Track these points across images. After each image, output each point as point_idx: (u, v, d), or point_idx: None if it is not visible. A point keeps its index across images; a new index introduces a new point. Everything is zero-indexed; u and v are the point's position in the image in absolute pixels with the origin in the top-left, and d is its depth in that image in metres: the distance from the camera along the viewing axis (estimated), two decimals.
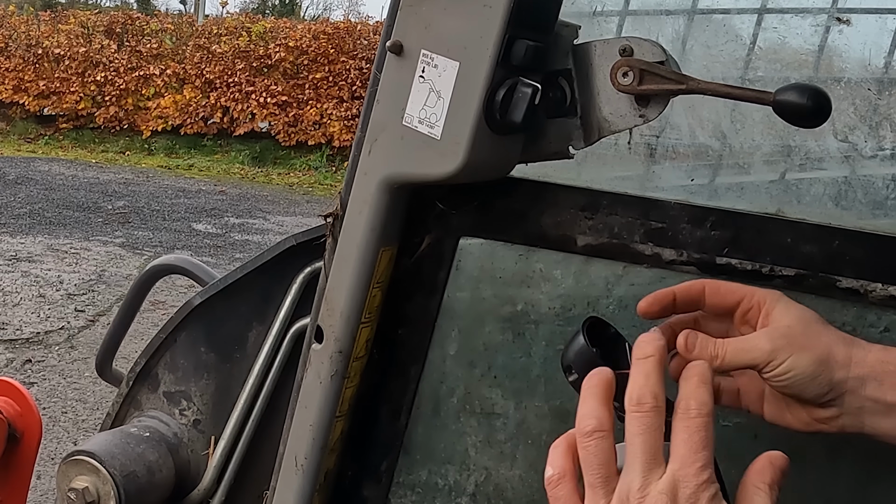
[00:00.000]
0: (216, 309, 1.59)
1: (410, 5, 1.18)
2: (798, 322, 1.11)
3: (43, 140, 17.68)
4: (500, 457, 1.45)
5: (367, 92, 1.25)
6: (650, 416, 0.95)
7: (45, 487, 4.94)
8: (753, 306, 1.14)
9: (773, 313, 1.12)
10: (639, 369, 0.99)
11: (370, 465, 1.47)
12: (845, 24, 1.43)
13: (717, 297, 1.16)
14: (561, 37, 1.23)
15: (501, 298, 1.42)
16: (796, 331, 1.10)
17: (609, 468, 0.96)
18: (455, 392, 1.46)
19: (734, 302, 1.15)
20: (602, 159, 1.42)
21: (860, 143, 1.45)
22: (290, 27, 18.97)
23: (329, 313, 1.32)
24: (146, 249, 10.50)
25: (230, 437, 1.58)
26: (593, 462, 0.96)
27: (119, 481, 1.52)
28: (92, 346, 7.22)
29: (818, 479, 1.35)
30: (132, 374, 1.66)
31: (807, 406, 1.12)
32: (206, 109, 17.44)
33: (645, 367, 0.99)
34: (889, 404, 1.08)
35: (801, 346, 1.08)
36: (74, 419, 6.13)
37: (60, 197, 12.92)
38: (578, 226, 1.32)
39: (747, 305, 1.14)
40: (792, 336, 1.09)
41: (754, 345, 1.09)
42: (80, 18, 19.57)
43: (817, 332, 1.10)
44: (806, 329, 1.10)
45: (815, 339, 1.10)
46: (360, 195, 1.26)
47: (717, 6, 1.48)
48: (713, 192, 1.52)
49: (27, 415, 1.91)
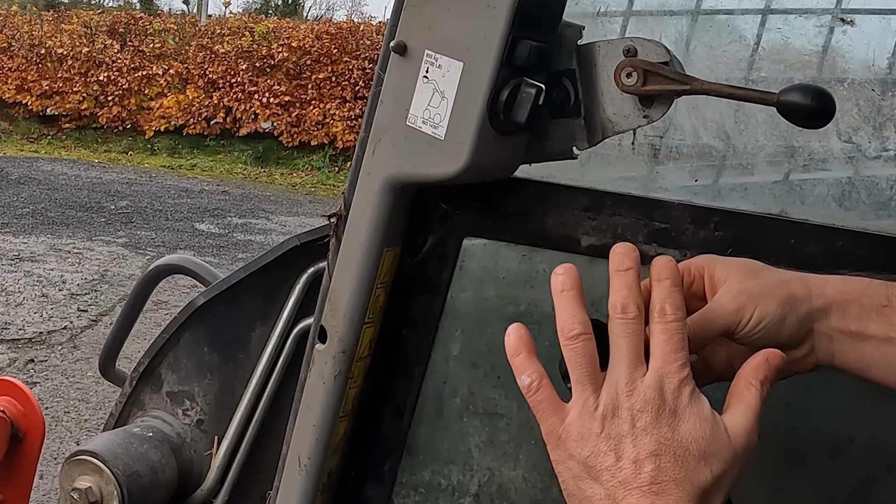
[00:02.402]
0: (219, 309, 1.59)
1: (414, 5, 1.18)
2: (746, 273, 1.11)
3: (46, 140, 17.69)
4: (503, 457, 1.45)
5: (371, 92, 1.25)
6: (634, 323, 1.00)
7: (48, 487, 4.94)
8: (694, 278, 1.13)
9: (716, 275, 1.12)
10: (620, 280, 1.03)
11: (373, 466, 1.47)
12: (849, 24, 1.43)
13: None
14: (565, 37, 1.23)
15: (505, 299, 1.42)
16: (750, 282, 1.10)
17: (595, 366, 1.00)
18: (458, 392, 1.46)
19: None
20: (606, 160, 1.43)
21: (864, 144, 1.45)
22: (293, 27, 18.98)
23: (332, 313, 1.32)
24: (149, 249, 10.50)
25: (233, 437, 1.58)
26: (581, 361, 1.00)
27: (122, 481, 1.52)
28: (95, 345, 7.23)
29: (820, 479, 1.35)
30: (135, 373, 1.66)
31: None
32: (209, 109, 17.45)
33: (626, 279, 1.03)
34: (853, 333, 1.08)
35: (760, 294, 1.08)
36: (77, 419, 6.14)
37: (63, 197, 12.93)
38: (582, 226, 1.32)
39: (689, 280, 1.13)
40: (749, 288, 1.09)
41: (719, 310, 1.08)
42: (83, 18, 19.60)
43: (769, 277, 1.11)
44: (758, 277, 1.10)
45: (770, 282, 1.09)
46: (364, 195, 1.26)
47: (720, 7, 1.48)
48: (717, 193, 1.52)
49: (30, 415, 1.91)
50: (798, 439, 1.22)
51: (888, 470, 1.33)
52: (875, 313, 1.08)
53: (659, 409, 0.97)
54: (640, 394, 0.98)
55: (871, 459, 1.33)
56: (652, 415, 0.97)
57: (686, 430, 0.96)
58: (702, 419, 0.97)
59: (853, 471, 1.35)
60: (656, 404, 0.97)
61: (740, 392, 1.02)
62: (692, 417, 0.97)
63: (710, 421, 0.98)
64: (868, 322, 1.08)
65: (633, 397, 0.98)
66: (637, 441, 0.96)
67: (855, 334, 1.08)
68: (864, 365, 1.09)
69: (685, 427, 0.97)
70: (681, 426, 0.97)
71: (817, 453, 1.35)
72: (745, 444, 0.98)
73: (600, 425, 0.98)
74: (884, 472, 1.33)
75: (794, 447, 1.37)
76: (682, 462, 0.95)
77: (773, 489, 1.39)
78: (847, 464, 1.34)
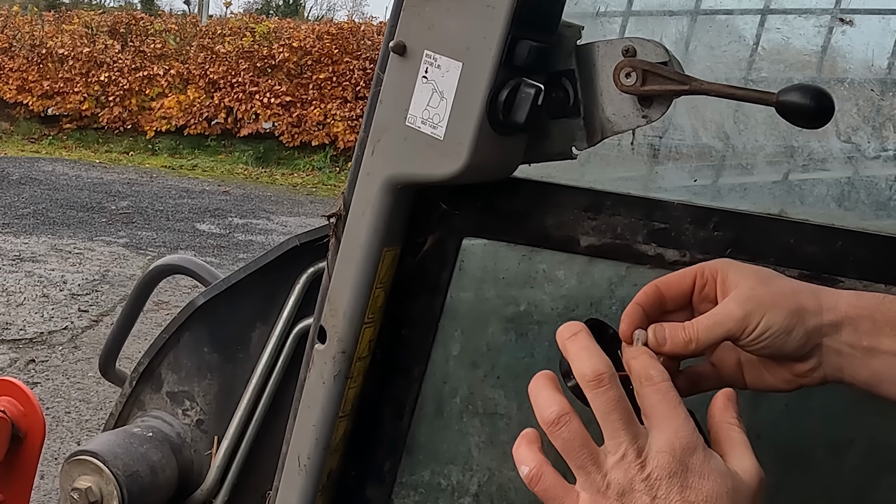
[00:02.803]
0: (219, 309, 1.59)
1: (414, 6, 1.18)
2: (758, 281, 1.09)
3: (47, 140, 17.69)
4: (502, 457, 1.45)
5: (371, 92, 1.25)
6: (613, 388, 0.95)
7: (49, 487, 4.94)
8: (707, 281, 1.12)
9: (728, 279, 1.10)
10: (574, 345, 0.99)
11: (373, 466, 1.48)
12: (848, 24, 1.43)
13: (673, 289, 1.13)
14: (564, 37, 1.23)
15: (504, 299, 1.42)
16: (760, 290, 1.08)
17: (591, 446, 0.95)
18: (458, 392, 1.46)
19: (689, 285, 1.12)
20: (605, 160, 1.43)
21: (863, 144, 1.45)
22: (293, 27, 18.98)
23: (332, 314, 1.32)
24: (150, 249, 10.51)
25: (233, 437, 1.58)
26: (574, 445, 0.95)
27: (122, 481, 1.52)
28: (95, 346, 7.23)
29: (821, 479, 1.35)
30: (135, 374, 1.66)
31: (786, 363, 1.10)
32: (210, 110, 17.45)
33: (580, 342, 1.00)
34: (865, 349, 1.07)
35: (769, 303, 1.06)
36: (78, 419, 6.14)
37: (64, 197, 12.93)
38: (581, 226, 1.32)
39: (701, 282, 1.12)
40: (758, 296, 1.07)
41: (725, 315, 1.07)
42: (84, 19, 19.61)
43: (781, 286, 1.09)
44: (769, 285, 1.09)
45: (780, 292, 1.08)
46: (364, 196, 1.26)
47: (720, 7, 1.48)
48: (716, 193, 1.52)
49: (30, 415, 1.91)
50: (798, 440, 1.22)
51: (889, 470, 1.33)
52: (889, 328, 1.06)
53: (677, 472, 0.92)
54: (654, 461, 0.93)
55: (871, 460, 1.33)
56: (671, 480, 0.92)
57: (710, 487, 0.92)
58: (721, 474, 0.93)
59: (854, 471, 1.35)
60: (673, 468, 0.92)
61: (727, 435, 0.99)
62: (712, 474, 0.93)
63: (728, 473, 0.94)
64: (881, 337, 1.06)
65: (647, 467, 0.93)
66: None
67: (867, 349, 1.06)
68: (875, 380, 1.07)
69: (708, 485, 0.92)
70: (704, 485, 0.92)
71: (818, 454, 1.35)
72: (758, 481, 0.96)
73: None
74: (884, 472, 1.33)
75: (794, 448, 1.37)
76: None
77: (773, 490, 1.38)
78: (847, 464, 1.34)
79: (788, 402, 1.33)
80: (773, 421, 1.34)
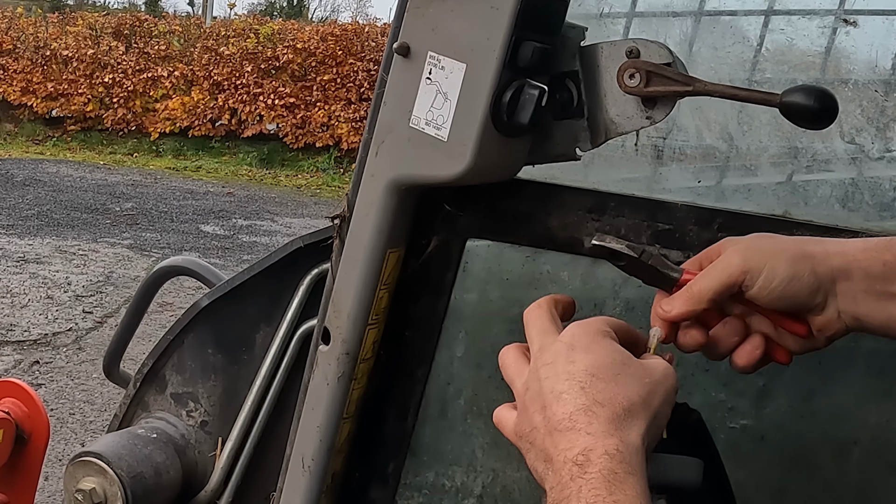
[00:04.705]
0: (223, 311, 1.59)
1: (417, 7, 1.18)
2: (758, 237, 1.11)
3: (51, 142, 17.70)
4: (507, 458, 1.45)
5: (375, 94, 1.25)
6: None
7: (53, 489, 4.94)
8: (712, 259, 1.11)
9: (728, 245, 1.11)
10: None
11: (377, 467, 1.47)
12: (852, 25, 1.43)
13: None
14: (568, 38, 1.23)
15: (509, 300, 1.42)
16: (760, 241, 1.10)
17: None
18: (462, 394, 1.46)
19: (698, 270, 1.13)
20: (609, 161, 1.43)
21: (867, 145, 1.45)
22: (297, 29, 18.97)
23: (336, 315, 1.32)
24: (154, 251, 10.51)
25: (237, 438, 1.58)
26: None
27: (126, 482, 1.52)
28: (100, 347, 7.22)
29: (825, 479, 1.35)
30: (140, 375, 1.66)
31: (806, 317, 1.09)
32: (214, 111, 17.45)
33: None
34: (879, 292, 1.06)
35: (770, 251, 1.07)
36: (82, 420, 6.14)
37: (68, 199, 12.94)
38: (586, 227, 1.32)
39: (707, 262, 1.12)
40: (757, 246, 1.08)
41: (725, 263, 1.08)
42: (88, 20, 19.61)
43: (782, 238, 1.10)
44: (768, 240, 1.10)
45: (781, 242, 1.09)
46: (368, 197, 1.26)
47: (723, 8, 1.48)
48: (720, 194, 1.52)
49: (35, 416, 1.92)
50: (802, 441, 1.22)
51: (893, 471, 1.33)
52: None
53: (562, 351, 1.03)
54: (553, 348, 1.05)
55: (874, 460, 1.33)
56: (557, 357, 1.03)
57: (593, 359, 1.01)
58: (610, 350, 1.02)
59: (857, 472, 1.35)
60: (561, 350, 1.03)
61: None
62: (599, 350, 1.02)
63: (619, 350, 1.02)
64: (895, 280, 1.05)
65: (545, 355, 1.05)
66: None
67: (881, 293, 1.06)
68: (893, 324, 1.06)
69: (590, 358, 1.01)
70: (585, 358, 1.01)
71: (821, 454, 1.34)
72: (663, 368, 1.03)
73: None
74: (888, 473, 1.33)
75: (798, 448, 1.36)
76: None
77: (777, 490, 1.38)
78: (851, 465, 1.34)
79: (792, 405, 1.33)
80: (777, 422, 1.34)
